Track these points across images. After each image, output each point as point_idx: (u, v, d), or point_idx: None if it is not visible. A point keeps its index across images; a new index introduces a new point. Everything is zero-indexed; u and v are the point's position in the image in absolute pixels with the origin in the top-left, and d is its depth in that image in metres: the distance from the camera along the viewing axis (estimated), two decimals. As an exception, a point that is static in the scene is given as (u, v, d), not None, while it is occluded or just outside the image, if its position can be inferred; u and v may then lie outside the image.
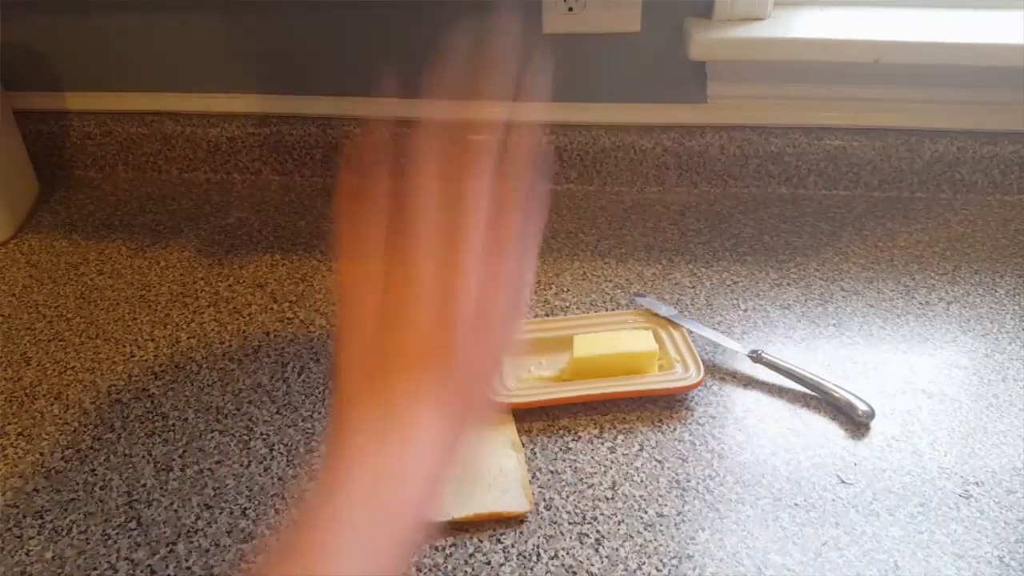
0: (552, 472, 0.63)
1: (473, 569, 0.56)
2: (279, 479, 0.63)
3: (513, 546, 0.57)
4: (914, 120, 0.98)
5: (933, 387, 0.71)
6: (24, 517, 0.61)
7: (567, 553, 0.57)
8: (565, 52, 0.97)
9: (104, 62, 1.02)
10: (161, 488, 0.63)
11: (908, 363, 0.74)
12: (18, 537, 0.59)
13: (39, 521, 0.60)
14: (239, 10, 0.97)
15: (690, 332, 0.74)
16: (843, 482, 0.62)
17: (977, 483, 0.62)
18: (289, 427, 0.68)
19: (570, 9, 0.92)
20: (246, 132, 1.03)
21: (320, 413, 0.69)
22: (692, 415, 0.68)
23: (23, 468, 0.64)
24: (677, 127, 1.00)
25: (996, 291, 0.83)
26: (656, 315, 0.76)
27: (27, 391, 0.72)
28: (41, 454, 0.66)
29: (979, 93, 0.95)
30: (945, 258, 0.88)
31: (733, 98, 0.98)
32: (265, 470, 0.64)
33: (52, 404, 0.71)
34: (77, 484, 0.63)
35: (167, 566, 0.57)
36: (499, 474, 0.61)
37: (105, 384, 0.73)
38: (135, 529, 0.59)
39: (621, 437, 0.66)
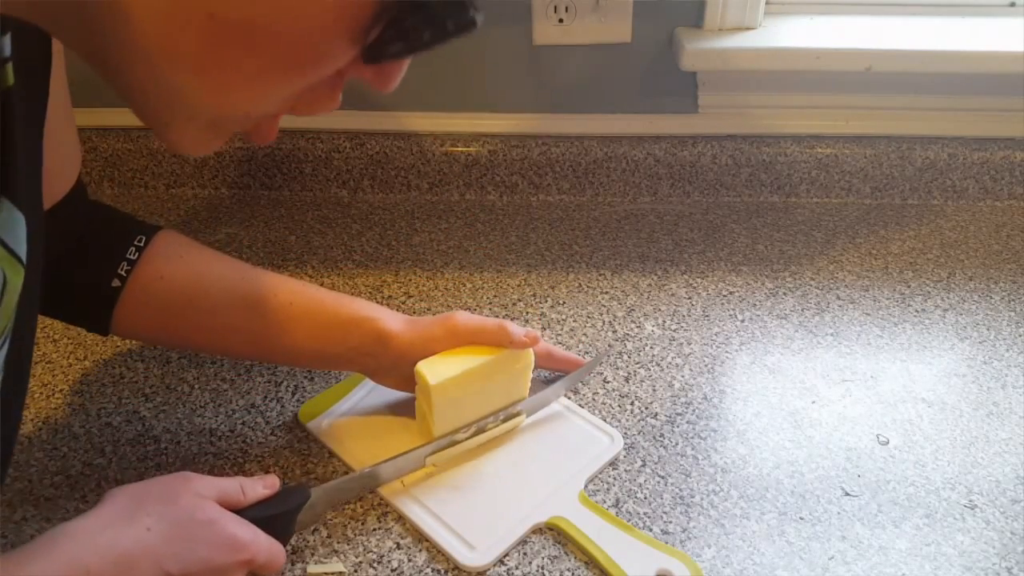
0: (554, 490, 0.62)
1: (477, 592, 0.55)
2: (276, 502, 0.62)
3: (517, 567, 0.56)
4: (905, 127, 0.98)
5: (933, 396, 0.71)
6: (13, 547, 0.59)
7: (572, 574, 0.56)
8: (556, 63, 0.96)
9: (88, 77, 1.00)
10: (154, 514, 0.61)
11: (907, 371, 0.73)
12: (7, 568, 0.57)
13: (29, 551, 0.59)
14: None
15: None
16: (847, 494, 0.61)
17: (981, 493, 0.61)
18: (284, 448, 0.66)
19: (560, 20, 0.92)
20: (234, 146, 1.02)
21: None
22: (694, 428, 0.67)
23: (11, 496, 0.63)
24: (669, 137, 1.00)
25: (991, 297, 0.83)
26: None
27: (14, 416, 0.70)
28: (30, 481, 0.64)
29: (969, 100, 0.96)
30: (939, 265, 0.88)
31: (724, 107, 0.98)
32: (261, 493, 0.62)
33: (40, 429, 0.69)
34: (68, 511, 0.61)
35: (162, 595, 0.56)
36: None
37: (95, 407, 0.71)
38: (128, 557, 0.58)
39: (623, 453, 0.65)
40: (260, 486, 0.54)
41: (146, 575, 0.46)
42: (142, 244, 0.61)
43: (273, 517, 0.54)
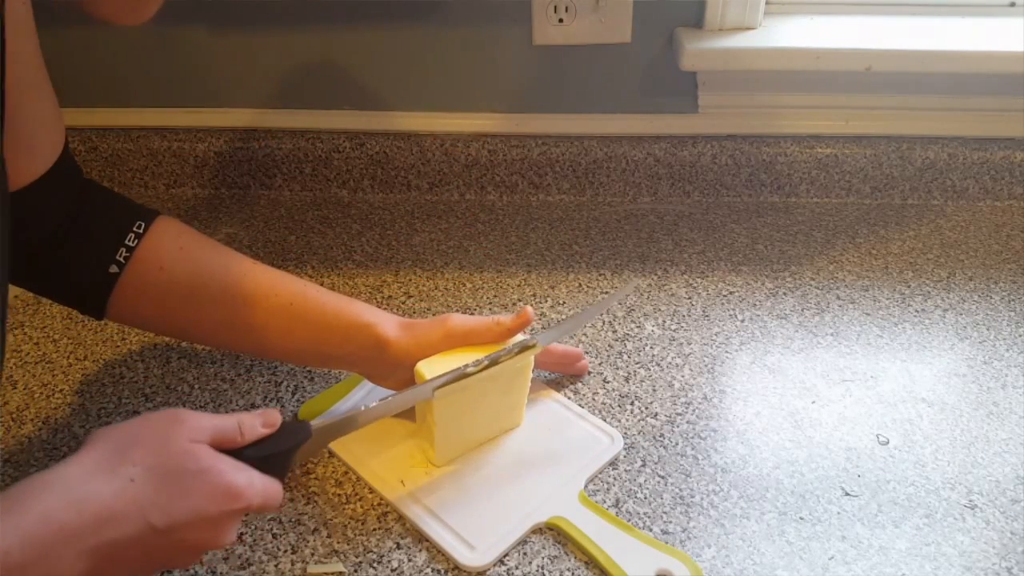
0: (554, 490, 0.62)
1: (477, 592, 0.55)
2: (276, 502, 0.62)
3: (517, 567, 0.56)
4: (905, 127, 0.98)
5: (933, 396, 0.71)
6: (13, 547, 0.59)
7: (572, 574, 0.56)
8: (556, 63, 0.96)
9: (88, 78, 1.01)
10: (154, 514, 0.61)
11: (907, 371, 0.73)
12: (7, 568, 0.57)
13: (29, 551, 0.58)
14: (225, 24, 0.96)
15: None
16: (847, 494, 0.61)
17: (981, 493, 0.61)
18: (284, 448, 0.66)
19: (560, 20, 0.92)
20: (233, 147, 1.02)
21: (316, 433, 0.67)
22: (694, 428, 0.67)
23: (11, 496, 0.63)
24: (669, 137, 1.00)
25: (991, 297, 0.83)
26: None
27: (14, 416, 0.70)
28: (29, 481, 0.64)
29: (969, 100, 0.96)
30: (939, 265, 0.88)
31: (724, 107, 0.98)
32: (261, 493, 0.62)
33: (40, 429, 0.69)
34: (67, 512, 0.61)
35: (162, 595, 0.56)
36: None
37: (95, 407, 0.71)
38: (128, 557, 0.58)
39: (623, 453, 0.65)
40: (259, 423, 0.51)
41: (129, 530, 0.42)
42: (141, 231, 0.61)
43: (271, 456, 0.50)
